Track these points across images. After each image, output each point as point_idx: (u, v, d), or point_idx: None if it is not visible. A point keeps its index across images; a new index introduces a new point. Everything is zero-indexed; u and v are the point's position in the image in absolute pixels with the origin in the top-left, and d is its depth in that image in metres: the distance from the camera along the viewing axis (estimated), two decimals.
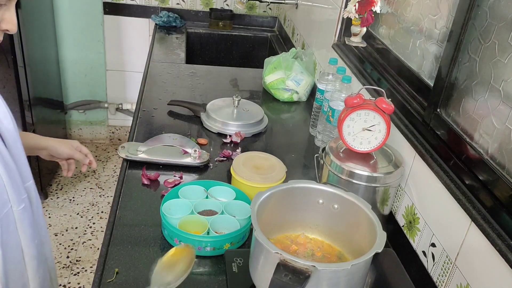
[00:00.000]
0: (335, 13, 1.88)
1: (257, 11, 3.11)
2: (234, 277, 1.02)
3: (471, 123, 1.06)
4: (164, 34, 2.76)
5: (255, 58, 2.96)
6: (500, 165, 0.95)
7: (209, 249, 1.09)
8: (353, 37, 1.77)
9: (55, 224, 2.59)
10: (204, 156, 1.44)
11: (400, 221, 1.24)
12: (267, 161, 1.34)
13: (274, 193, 1.01)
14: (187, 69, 2.24)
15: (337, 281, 0.84)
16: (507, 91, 0.95)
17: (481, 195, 0.95)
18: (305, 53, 2.08)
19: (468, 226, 0.96)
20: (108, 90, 3.26)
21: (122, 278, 1.02)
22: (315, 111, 1.67)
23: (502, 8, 0.98)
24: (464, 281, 0.95)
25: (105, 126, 3.39)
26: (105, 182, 3.00)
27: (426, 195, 1.13)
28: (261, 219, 0.93)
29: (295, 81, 1.97)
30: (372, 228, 0.94)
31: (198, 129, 1.69)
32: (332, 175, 1.20)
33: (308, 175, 1.49)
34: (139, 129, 1.63)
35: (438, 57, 1.27)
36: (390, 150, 1.24)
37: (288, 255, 0.82)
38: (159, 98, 1.88)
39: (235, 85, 2.16)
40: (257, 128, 1.69)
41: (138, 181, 1.35)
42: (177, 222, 1.12)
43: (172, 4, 3.02)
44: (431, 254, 1.08)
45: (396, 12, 1.56)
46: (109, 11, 3.00)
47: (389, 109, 1.18)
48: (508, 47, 0.95)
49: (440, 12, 1.28)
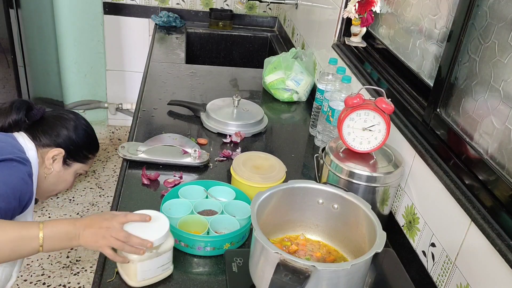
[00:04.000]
0: (335, 13, 1.88)
1: (257, 11, 3.11)
2: (234, 277, 1.02)
3: (471, 123, 1.06)
4: (164, 34, 2.76)
5: (255, 58, 2.96)
6: (500, 165, 0.95)
7: (209, 249, 1.09)
8: (353, 37, 1.77)
9: None
10: (204, 156, 1.44)
11: (400, 221, 1.24)
12: (267, 161, 1.34)
13: (274, 193, 1.01)
14: (187, 69, 2.24)
15: (337, 281, 0.84)
16: (507, 91, 0.95)
17: (481, 195, 0.95)
18: (305, 53, 2.08)
19: (468, 226, 0.96)
20: (108, 90, 3.26)
21: (122, 278, 1.02)
22: (315, 111, 1.67)
23: (502, 8, 0.98)
24: (464, 281, 0.95)
25: (105, 126, 3.39)
26: (105, 182, 3.00)
27: (426, 195, 1.13)
28: (261, 219, 0.93)
29: (295, 81, 1.97)
30: (372, 228, 0.94)
31: (198, 129, 1.69)
32: (332, 175, 1.20)
33: (308, 175, 1.49)
34: (139, 129, 1.64)
35: (438, 57, 1.27)
36: (390, 150, 1.24)
37: (288, 255, 0.82)
38: (159, 98, 1.88)
39: (235, 85, 2.16)
40: (257, 128, 1.69)
41: (138, 181, 1.35)
42: (177, 222, 1.12)
43: (172, 4, 3.02)
44: (431, 254, 1.08)
45: (396, 12, 1.56)
46: (109, 11, 3.00)
47: (389, 109, 1.18)
48: (508, 47, 0.95)
49: (440, 12, 1.28)
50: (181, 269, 1.06)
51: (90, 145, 1.31)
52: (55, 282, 2.23)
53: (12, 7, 2.22)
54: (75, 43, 3.00)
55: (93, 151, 1.33)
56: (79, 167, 1.30)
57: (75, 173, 1.30)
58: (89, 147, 1.31)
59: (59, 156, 1.23)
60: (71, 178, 1.30)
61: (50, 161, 1.22)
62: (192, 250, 1.09)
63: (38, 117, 1.23)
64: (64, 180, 1.28)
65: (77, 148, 1.27)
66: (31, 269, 2.27)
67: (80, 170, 1.31)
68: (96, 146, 1.34)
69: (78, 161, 1.29)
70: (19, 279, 2.21)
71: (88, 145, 1.30)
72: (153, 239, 0.94)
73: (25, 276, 2.23)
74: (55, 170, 1.24)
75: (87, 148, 1.30)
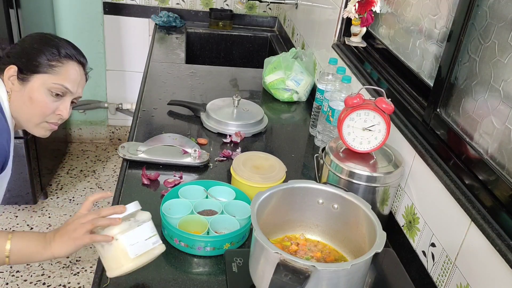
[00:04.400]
0: (335, 13, 1.88)
1: (257, 11, 3.11)
2: (234, 277, 1.02)
3: (471, 123, 1.06)
4: (164, 34, 2.76)
5: (255, 58, 2.96)
6: (500, 165, 0.95)
7: (209, 249, 1.09)
8: (353, 37, 1.77)
9: (55, 224, 2.59)
10: (204, 156, 1.44)
11: (400, 221, 1.24)
12: (267, 161, 1.34)
13: (274, 193, 1.01)
14: (187, 69, 2.24)
15: (337, 281, 0.84)
16: (507, 91, 0.95)
17: (481, 195, 0.95)
18: (305, 53, 2.08)
19: (468, 226, 0.96)
20: (108, 90, 3.26)
21: (122, 278, 1.02)
22: (315, 111, 1.67)
23: (502, 8, 0.98)
24: (464, 281, 0.95)
25: (105, 126, 3.39)
26: (105, 182, 3.00)
27: (426, 195, 1.13)
28: (261, 219, 0.93)
29: (295, 81, 1.97)
30: (372, 228, 0.94)
31: (198, 129, 1.69)
32: (332, 175, 1.20)
33: (308, 175, 1.49)
34: (139, 129, 1.64)
35: (438, 57, 1.27)
36: (390, 150, 1.24)
37: (288, 255, 0.82)
38: (159, 98, 1.88)
39: (235, 85, 2.16)
40: (257, 128, 1.69)
41: (138, 181, 1.35)
42: (177, 222, 1.12)
43: (172, 4, 3.02)
44: (431, 254, 1.08)
45: (396, 12, 1.56)
46: (109, 11, 3.00)
47: (389, 109, 1.18)
48: (508, 47, 0.95)
49: (440, 12, 1.28)
50: (181, 269, 1.06)
51: (44, 49, 1.13)
52: (55, 282, 2.23)
53: (12, 7, 2.22)
54: (75, 43, 2.99)
55: (51, 55, 1.14)
56: (43, 79, 1.12)
57: (44, 88, 1.12)
58: (43, 52, 1.13)
59: (12, 71, 1.11)
60: (42, 96, 1.12)
61: (10, 83, 1.11)
62: (192, 250, 1.09)
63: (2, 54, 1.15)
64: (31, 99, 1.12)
65: (29, 58, 1.12)
66: (31, 269, 2.27)
67: (48, 82, 1.12)
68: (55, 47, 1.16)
69: (36, 71, 1.11)
70: (19, 279, 2.21)
71: (42, 50, 1.13)
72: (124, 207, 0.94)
73: (25, 276, 2.23)
74: (15, 90, 1.11)
75: (41, 53, 1.12)
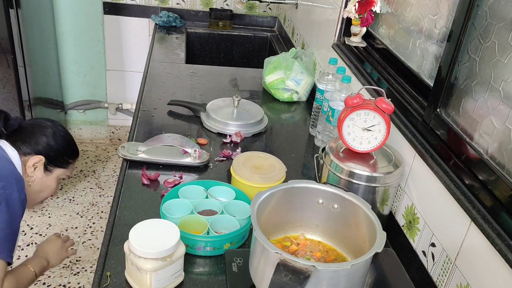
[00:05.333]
0: (335, 13, 1.88)
1: (257, 11, 3.11)
2: (234, 277, 1.02)
3: (471, 123, 1.06)
4: (164, 34, 2.76)
5: (255, 58, 2.96)
6: (500, 165, 0.95)
7: (209, 249, 1.09)
8: (353, 37, 1.77)
9: (55, 224, 2.59)
10: (204, 156, 1.44)
11: (400, 221, 1.24)
12: (267, 161, 1.34)
13: (274, 193, 1.01)
14: (187, 69, 2.24)
15: (337, 281, 0.84)
16: (507, 91, 0.95)
17: (481, 195, 0.95)
18: (305, 53, 2.08)
19: (468, 226, 0.96)
20: (108, 90, 3.26)
21: (122, 278, 1.02)
22: (315, 111, 1.67)
23: (502, 8, 0.98)
24: (464, 281, 0.95)
25: (105, 126, 3.39)
26: (105, 182, 3.00)
27: (426, 195, 1.13)
28: (261, 219, 0.93)
29: (295, 81, 1.97)
30: (372, 228, 0.94)
31: (198, 129, 1.69)
32: (332, 175, 1.20)
33: (308, 175, 1.49)
34: (139, 129, 1.64)
35: (438, 57, 1.27)
36: (390, 150, 1.24)
37: (288, 255, 0.82)
38: (159, 98, 1.88)
39: (235, 85, 2.16)
40: (257, 128, 1.69)
41: (138, 181, 1.35)
42: (177, 222, 1.12)
43: (172, 4, 3.02)
44: (431, 254, 1.08)
45: (396, 12, 1.56)
46: (109, 11, 3.00)
47: (389, 109, 1.18)
48: (508, 47, 0.95)
49: (440, 12, 1.28)
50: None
51: (70, 150, 1.35)
52: (55, 282, 2.23)
53: (12, 7, 2.23)
54: (75, 43, 3.00)
55: (73, 156, 1.37)
56: (61, 172, 1.34)
57: (57, 178, 1.34)
58: (69, 152, 1.35)
59: (40, 163, 1.27)
60: (54, 184, 1.34)
61: (32, 169, 1.25)
62: (192, 250, 1.09)
63: (16, 126, 1.26)
64: (47, 186, 1.32)
65: (57, 154, 1.31)
66: None
67: (62, 175, 1.35)
68: (76, 151, 1.39)
69: (59, 166, 1.33)
70: None
71: (67, 151, 1.34)
72: (166, 248, 0.93)
73: None
74: (37, 177, 1.28)
75: (66, 153, 1.34)
